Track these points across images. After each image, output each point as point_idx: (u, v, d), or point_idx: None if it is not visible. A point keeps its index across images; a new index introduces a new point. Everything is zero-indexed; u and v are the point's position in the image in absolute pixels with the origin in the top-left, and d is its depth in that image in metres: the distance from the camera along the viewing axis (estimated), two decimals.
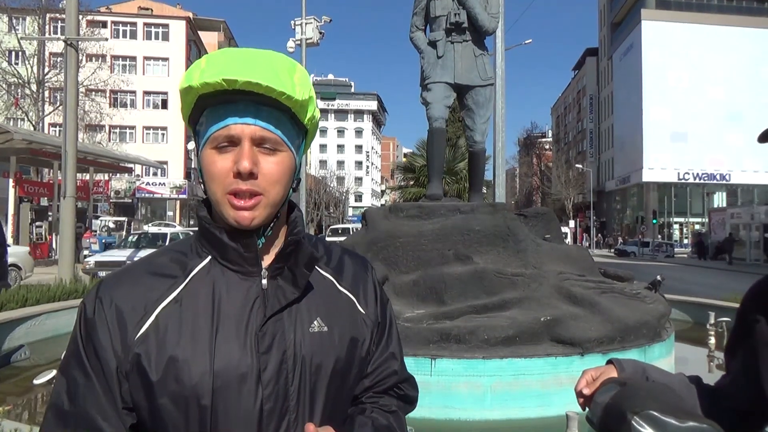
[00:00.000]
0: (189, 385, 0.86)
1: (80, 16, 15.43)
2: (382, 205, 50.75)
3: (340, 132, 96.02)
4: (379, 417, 1.02)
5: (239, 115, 0.89)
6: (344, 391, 0.99)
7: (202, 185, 0.95)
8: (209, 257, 0.96)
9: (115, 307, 0.90)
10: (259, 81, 0.86)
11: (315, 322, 0.96)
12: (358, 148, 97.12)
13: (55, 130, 36.79)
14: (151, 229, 22.08)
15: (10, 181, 22.60)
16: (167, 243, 17.07)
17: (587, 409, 1.03)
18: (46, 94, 31.21)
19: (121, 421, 0.88)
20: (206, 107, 0.92)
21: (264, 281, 0.94)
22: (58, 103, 30.23)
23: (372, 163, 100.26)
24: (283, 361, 0.91)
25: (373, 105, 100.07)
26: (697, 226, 49.85)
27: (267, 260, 0.97)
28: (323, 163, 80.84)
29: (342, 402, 0.99)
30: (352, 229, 31.57)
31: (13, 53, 31.46)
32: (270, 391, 0.89)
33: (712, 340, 7.29)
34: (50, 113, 31.56)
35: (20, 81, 30.14)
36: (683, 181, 50.91)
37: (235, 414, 0.87)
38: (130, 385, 0.88)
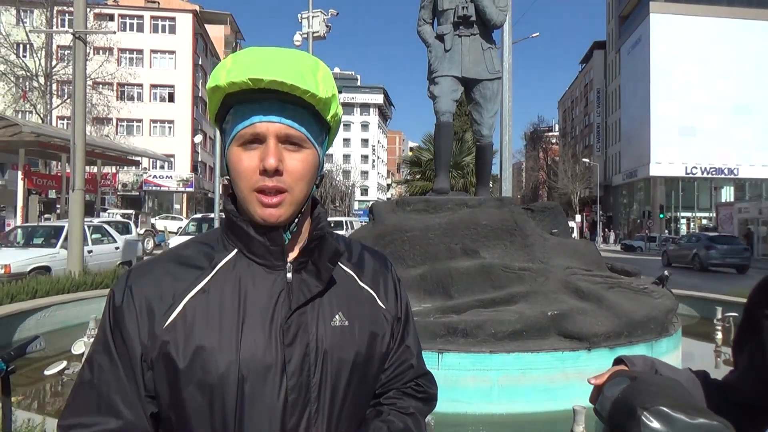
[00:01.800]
0: (216, 374, 0.88)
1: (88, 9, 15.46)
2: (388, 198, 50.75)
3: (346, 126, 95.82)
4: (396, 420, 1.03)
5: (264, 113, 0.91)
6: (365, 386, 1.01)
7: (228, 181, 0.97)
8: (235, 250, 0.98)
9: (144, 296, 0.93)
10: (284, 80, 0.88)
11: (336, 316, 0.97)
12: (364, 141, 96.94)
13: (63, 123, 36.94)
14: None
15: (19, 173, 22.70)
16: (62, 239, 12.12)
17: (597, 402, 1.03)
18: (54, 87, 31.30)
19: (143, 408, 0.91)
20: (232, 106, 0.94)
21: (289, 275, 0.96)
22: (66, 96, 30.34)
23: (378, 157, 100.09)
24: (306, 353, 0.93)
25: (379, 98, 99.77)
26: (704, 221, 49.53)
27: (291, 254, 0.99)
28: (329, 157, 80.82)
29: (362, 396, 1.01)
30: (346, 222, 31.10)
31: (21, 46, 31.54)
32: (294, 382, 0.91)
33: (719, 335, 7.28)
34: (58, 106, 31.66)
35: (28, 74, 30.24)
36: (691, 175, 50.56)
37: (261, 404, 0.90)
38: (155, 374, 0.91)
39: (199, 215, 26.35)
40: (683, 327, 5.77)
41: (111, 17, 45.03)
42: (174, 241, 19.17)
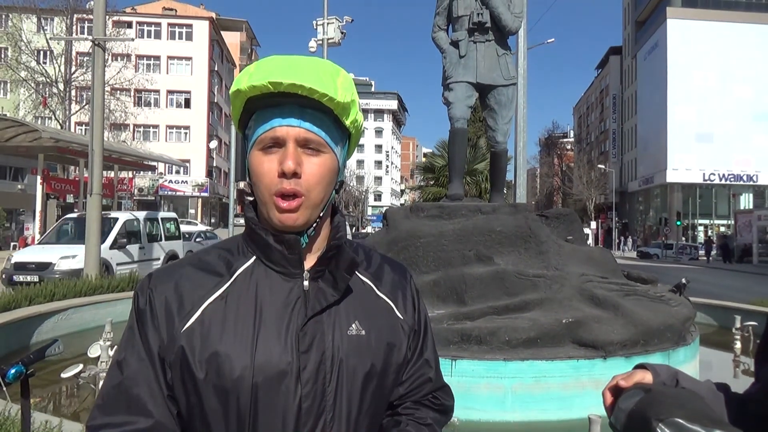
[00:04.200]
0: (230, 379, 0.90)
1: (107, 17, 15.70)
2: (401, 204, 50.78)
3: None
4: (414, 430, 1.04)
5: (284, 117, 0.93)
6: (381, 396, 1.01)
7: (250, 186, 0.99)
8: (254, 257, 1.00)
9: (165, 299, 0.95)
10: (303, 83, 0.90)
11: (353, 326, 0.98)
12: (378, 147, 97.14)
13: (82, 129, 37.50)
14: None
15: (38, 178, 23.07)
16: None
17: (612, 414, 1.02)
18: (73, 93, 31.81)
19: (168, 407, 0.92)
20: (254, 111, 0.96)
21: (306, 283, 0.97)
22: (85, 102, 30.78)
23: (392, 163, 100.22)
24: (321, 361, 0.93)
25: (393, 104, 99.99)
26: (722, 228, 48.88)
27: (309, 262, 1.00)
28: None
29: (378, 406, 1.01)
30: None
31: (42, 53, 32.14)
32: (309, 389, 0.92)
33: (738, 345, 7.15)
34: (77, 112, 32.15)
35: (48, 80, 30.80)
36: (708, 182, 49.94)
37: (274, 410, 0.90)
38: (173, 376, 0.92)
39: (74, 214, 16.64)
40: (701, 336, 5.69)
41: (129, 24, 45.75)
42: (23, 254, 12.88)
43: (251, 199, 1.01)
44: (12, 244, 26.09)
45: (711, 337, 7.99)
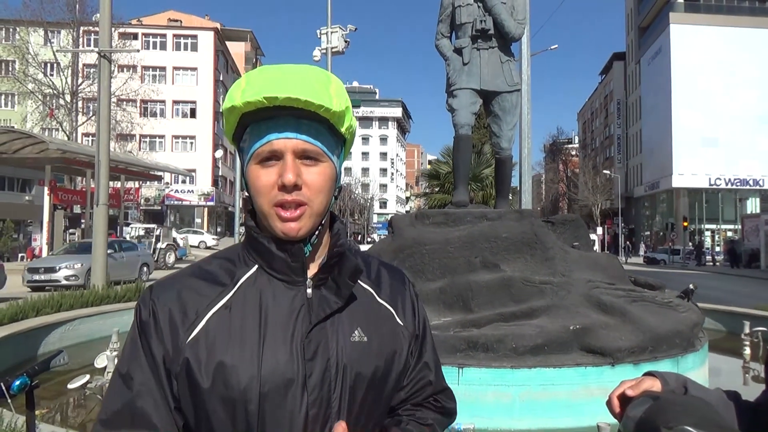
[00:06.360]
0: (237, 389, 0.89)
1: (112, 29, 15.83)
2: (407, 211, 50.79)
3: (365, 139, 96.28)
4: (414, 430, 1.04)
5: (280, 130, 0.92)
6: (381, 401, 1.01)
7: (248, 199, 0.99)
8: (256, 266, 0.99)
9: (168, 310, 0.94)
10: (298, 96, 0.89)
11: (356, 332, 0.98)
12: (383, 155, 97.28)
13: (88, 140, 37.75)
14: None
15: (45, 189, 23.24)
16: None
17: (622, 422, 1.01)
18: (80, 104, 32.11)
19: (173, 420, 0.92)
20: (248, 124, 0.95)
21: (309, 290, 0.97)
22: (91, 113, 31.03)
23: (396, 170, 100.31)
24: (326, 368, 0.93)
25: (397, 112, 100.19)
26: (729, 233, 48.61)
27: (312, 270, 0.99)
28: (348, 171, 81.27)
29: (378, 412, 1.01)
30: None
31: (49, 65, 32.43)
32: (315, 397, 0.91)
33: (747, 351, 7.09)
34: (83, 123, 32.41)
35: (55, 92, 31.11)
36: (714, 186, 49.74)
37: (281, 419, 0.90)
38: (179, 387, 0.92)
39: None
40: (710, 342, 5.63)
41: (135, 36, 46.12)
42: None
43: (251, 208, 1.01)
44: (20, 255, 26.23)
45: (720, 343, 7.92)
